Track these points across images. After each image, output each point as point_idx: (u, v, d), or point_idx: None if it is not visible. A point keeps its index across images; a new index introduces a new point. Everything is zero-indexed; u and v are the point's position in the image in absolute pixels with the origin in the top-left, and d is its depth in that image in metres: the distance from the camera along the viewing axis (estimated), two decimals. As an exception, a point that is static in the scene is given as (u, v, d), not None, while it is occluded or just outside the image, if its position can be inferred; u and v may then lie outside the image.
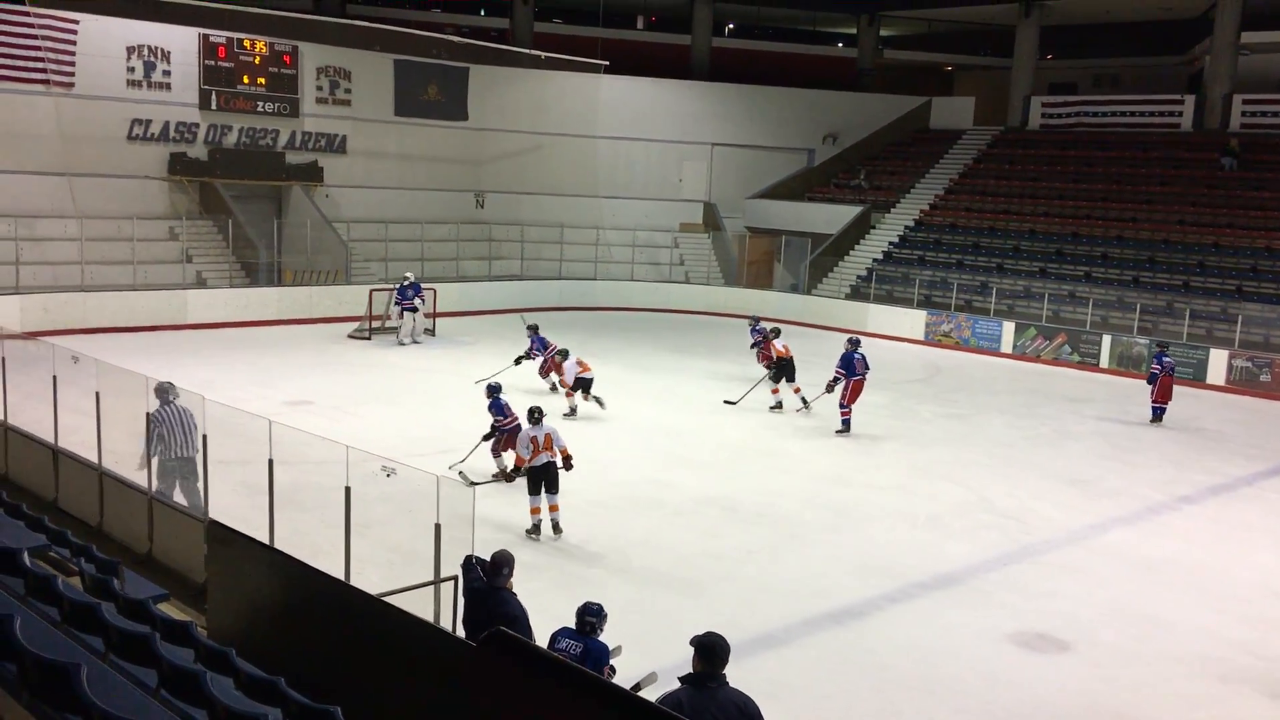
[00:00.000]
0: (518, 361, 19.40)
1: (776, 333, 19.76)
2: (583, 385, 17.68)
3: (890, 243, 31.87)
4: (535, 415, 12.15)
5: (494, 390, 13.98)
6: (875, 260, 31.29)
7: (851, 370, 17.48)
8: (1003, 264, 29.27)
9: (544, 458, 11.87)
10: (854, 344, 17.93)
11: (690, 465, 15.10)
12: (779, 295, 32.11)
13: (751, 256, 33.82)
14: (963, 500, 14.07)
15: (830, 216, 33.14)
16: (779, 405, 19.00)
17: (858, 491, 14.23)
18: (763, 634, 9.69)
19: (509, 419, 13.65)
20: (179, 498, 10.29)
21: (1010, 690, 8.83)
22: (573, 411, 17.63)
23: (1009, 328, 26.70)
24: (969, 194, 32.96)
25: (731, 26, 42.76)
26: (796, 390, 19.09)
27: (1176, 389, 19.58)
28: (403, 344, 23.86)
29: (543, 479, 11.86)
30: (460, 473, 13.13)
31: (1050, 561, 11.99)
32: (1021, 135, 35.09)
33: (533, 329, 19.80)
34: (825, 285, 31.49)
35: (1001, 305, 27.77)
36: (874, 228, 32.89)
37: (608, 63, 33.15)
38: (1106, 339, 25.14)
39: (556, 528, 11.88)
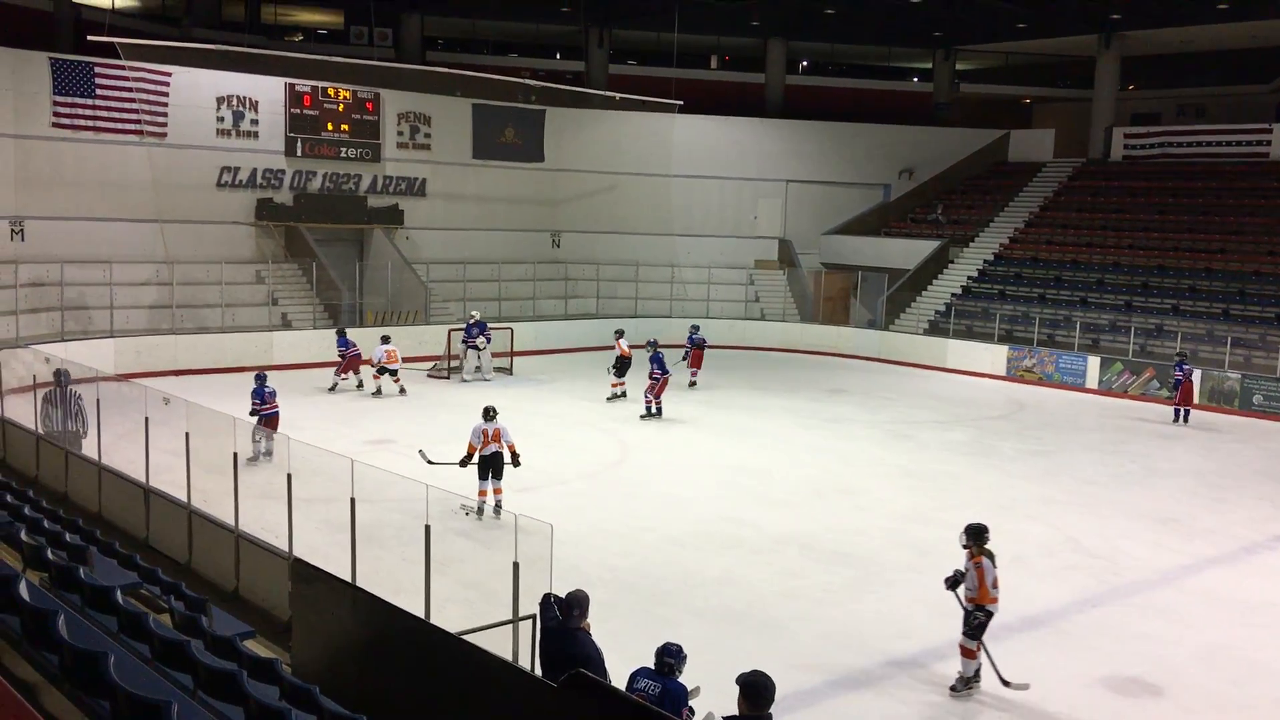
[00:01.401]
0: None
1: (621, 333, 23.26)
2: (387, 372, 21.91)
3: (969, 277, 31.45)
4: (490, 413, 14.00)
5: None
6: (954, 295, 30.89)
7: (663, 368, 20.82)
8: (1086, 298, 28.68)
9: (492, 448, 13.68)
10: (654, 345, 21.69)
11: (768, 503, 14.98)
12: (855, 331, 31.85)
13: (827, 293, 33.64)
14: (1048, 539, 13.74)
15: (907, 251, 32.85)
16: (622, 395, 22.30)
17: (939, 530, 13.95)
18: (844, 676, 9.54)
19: None
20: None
21: (1101, 737, 8.55)
22: (377, 392, 21.89)
23: (1094, 362, 26.10)
24: (1050, 227, 32.43)
25: (805, 64, 42.80)
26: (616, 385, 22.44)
27: (1269, 424, 18.96)
28: (465, 381, 24.12)
29: (490, 467, 13.62)
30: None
31: (1141, 603, 11.63)
32: (1104, 167, 34.47)
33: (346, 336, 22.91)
34: (903, 321, 31.16)
35: (1086, 339, 27.18)
36: (952, 262, 32.51)
37: (682, 102, 33.40)
38: (1196, 373, 24.41)
39: (498, 509, 13.31)
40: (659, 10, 34.09)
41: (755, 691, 5.42)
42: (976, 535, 9.45)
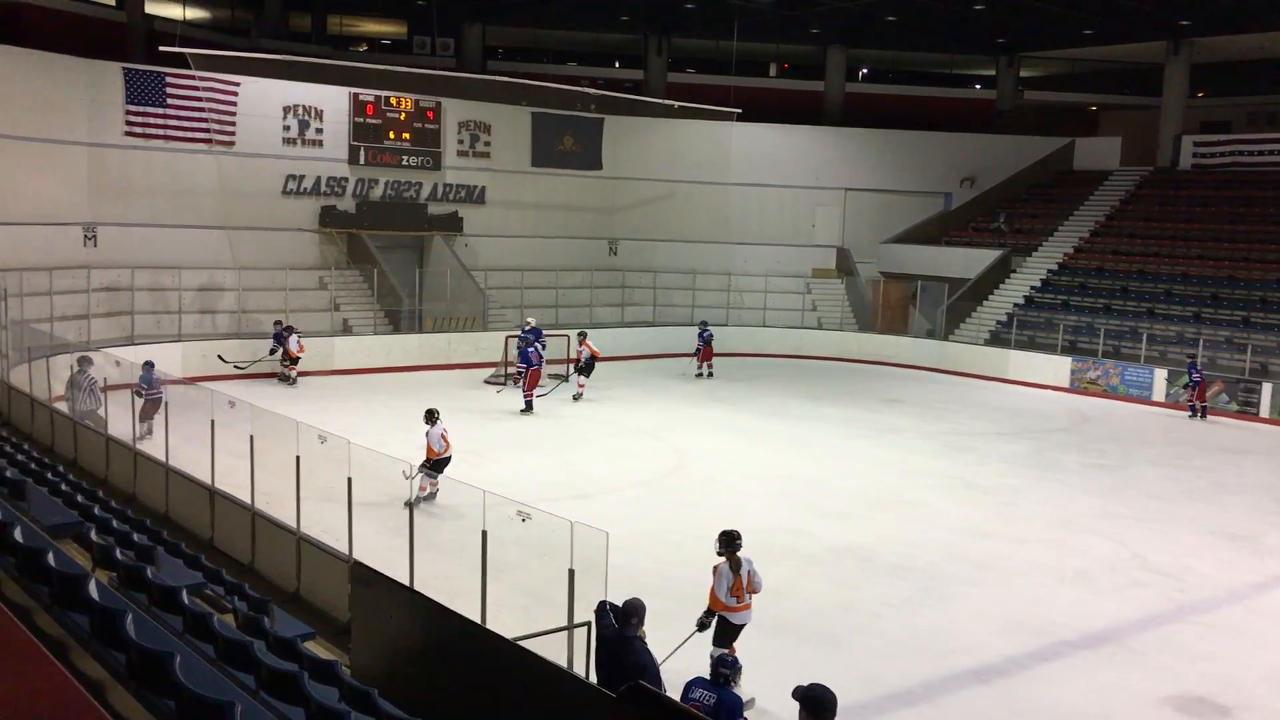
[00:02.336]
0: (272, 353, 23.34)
1: (584, 335, 23.76)
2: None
3: (1032, 287, 30.99)
4: (434, 416, 14.76)
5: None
6: (1016, 305, 30.45)
7: (528, 362, 21.69)
8: (1154, 309, 28.13)
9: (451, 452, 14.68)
10: (527, 339, 22.56)
11: (824, 514, 14.87)
12: (914, 341, 31.53)
13: (886, 301, 33.33)
14: (1113, 555, 13.47)
15: (968, 261, 32.47)
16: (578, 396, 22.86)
17: (1000, 544, 13.77)
18: (902, 690, 9.43)
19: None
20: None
21: (1167, 759, 8.36)
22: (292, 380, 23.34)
23: (1161, 375, 25.58)
24: (1116, 236, 31.86)
25: (865, 71, 42.56)
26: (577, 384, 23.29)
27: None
28: (520, 387, 24.13)
29: (444, 465, 14.46)
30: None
31: (1209, 622, 11.36)
32: (1172, 176, 33.79)
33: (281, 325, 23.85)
34: (963, 331, 30.77)
35: (1153, 351, 26.63)
36: (1014, 272, 32.06)
37: (740, 110, 33.33)
38: (1267, 387, 23.83)
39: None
40: (718, 19, 34.07)
41: (816, 704, 5.37)
42: (727, 541, 9.12)
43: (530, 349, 21.87)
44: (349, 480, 10.38)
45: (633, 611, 7.21)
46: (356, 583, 8.01)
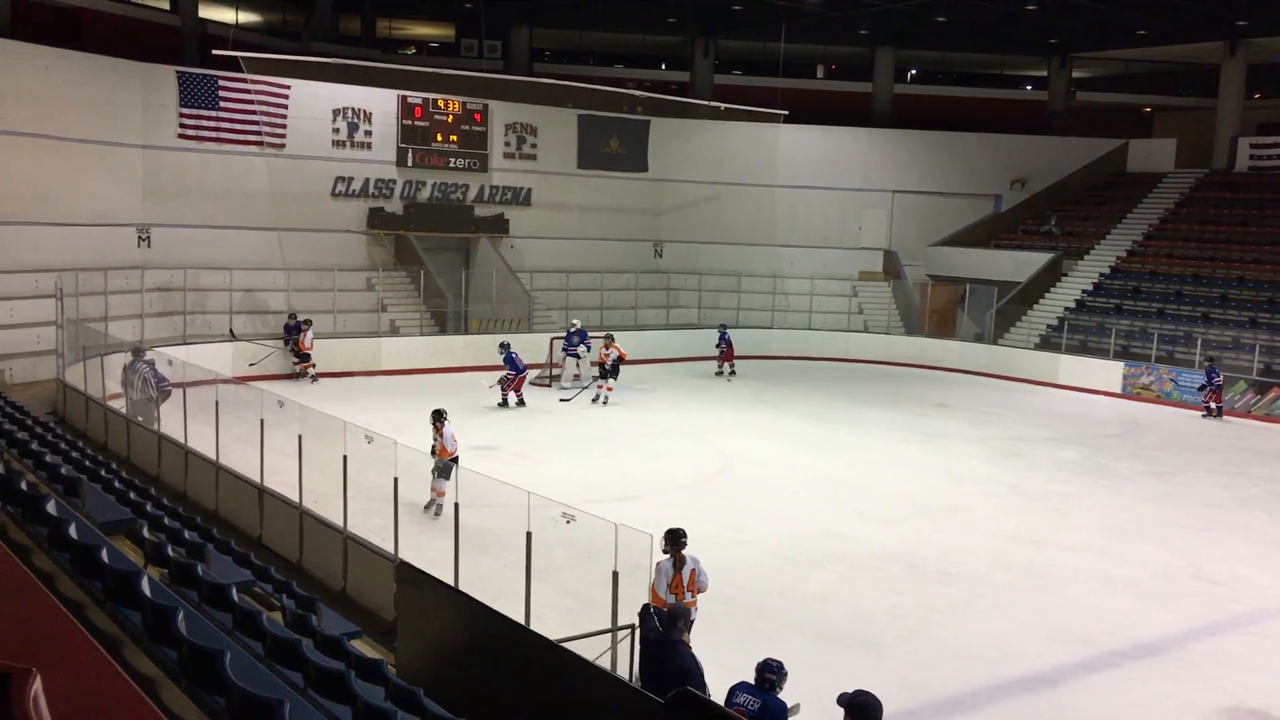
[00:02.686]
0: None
1: (611, 338, 23.23)
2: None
3: (1084, 290, 30.55)
4: (443, 416, 14.28)
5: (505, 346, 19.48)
6: (1067, 309, 30.03)
7: (515, 369, 21.62)
8: (1209, 313, 27.61)
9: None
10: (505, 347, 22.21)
11: (870, 519, 14.74)
12: (962, 344, 31.19)
13: (933, 305, 33.01)
14: (1166, 564, 13.23)
15: (1018, 264, 32.07)
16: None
17: (1050, 552, 13.56)
18: (948, 699, 9.32)
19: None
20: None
21: (1222, 773, 8.19)
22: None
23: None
24: (1171, 239, 31.31)
25: (914, 72, 42.21)
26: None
27: None
28: (565, 389, 24.26)
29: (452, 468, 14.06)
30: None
31: (1265, 633, 11.12)
32: (1228, 178, 33.17)
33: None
34: (1012, 335, 30.40)
35: (1208, 357, 26.14)
36: (1066, 275, 31.62)
37: (787, 112, 33.18)
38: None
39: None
40: (765, 20, 33.95)
41: (862, 711, 5.31)
42: (672, 538, 8.96)
43: (514, 354, 21.84)
44: (395, 480, 10.46)
45: (678, 615, 7.19)
46: (402, 582, 8.07)
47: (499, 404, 21.81)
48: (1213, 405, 24.02)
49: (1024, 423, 22.86)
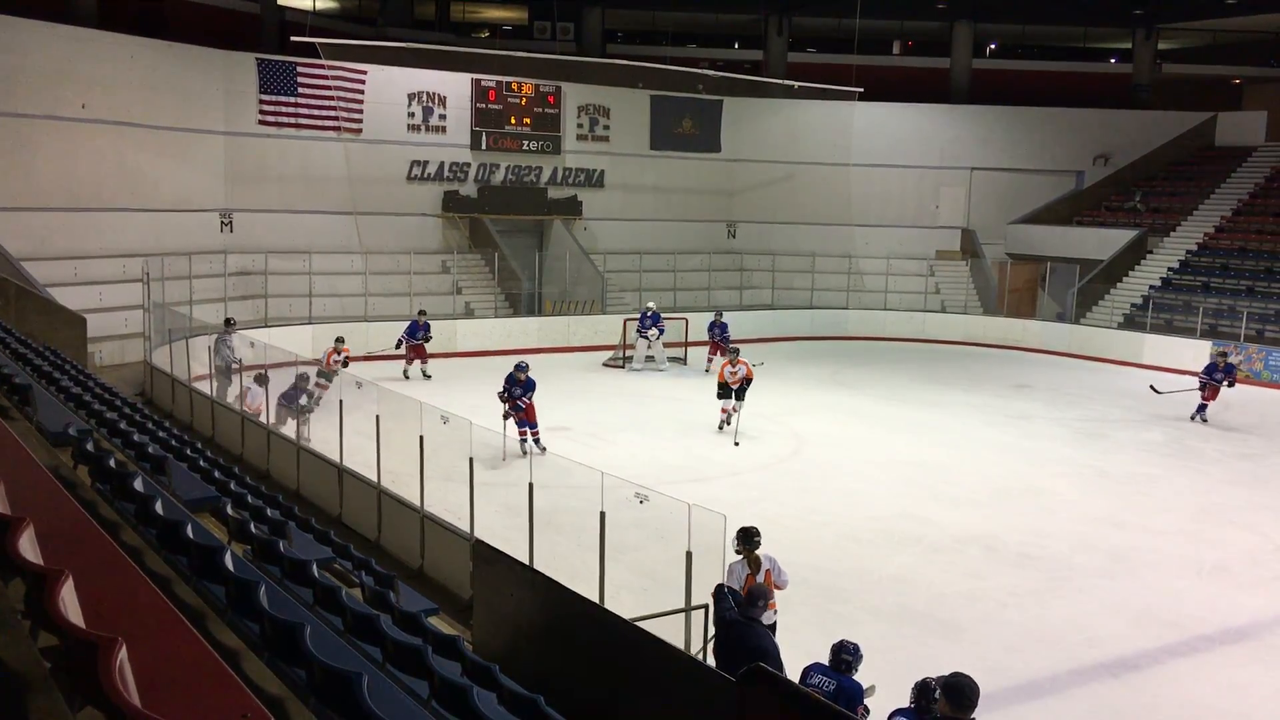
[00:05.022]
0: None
1: (737, 352, 18.89)
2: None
3: (1170, 268, 29.69)
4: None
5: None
6: (1152, 287, 29.22)
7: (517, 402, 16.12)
8: (1302, 290, 26.66)
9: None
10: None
11: (949, 501, 14.52)
12: (1042, 324, 30.54)
13: (1013, 284, 32.35)
14: (1256, 548, 12.83)
15: (1101, 241, 31.26)
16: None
17: (1134, 535, 13.24)
18: (1028, 683, 9.16)
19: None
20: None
21: (1316, 764, 7.94)
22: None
23: (1309, 360, 24.24)
24: (1261, 215, 30.25)
25: (993, 46, 41.26)
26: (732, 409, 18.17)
27: None
28: (635, 369, 24.35)
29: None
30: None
31: (1363, 621, 10.72)
32: (1323, 149, 31.93)
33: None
34: (1095, 314, 29.67)
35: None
36: (1151, 252, 30.76)
37: (862, 90, 32.70)
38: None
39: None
40: (840, -4, 33.48)
41: (959, 693, 5.28)
42: (744, 538, 8.56)
43: (518, 390, 16.15)
44: (470, 460, 10.56)
45: (758, 595, 7.18)
46: (478, 561, 8.16)
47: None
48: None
49: (1107, 403, 22.32)
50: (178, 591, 4.97)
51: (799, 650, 7.45)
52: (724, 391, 18.08)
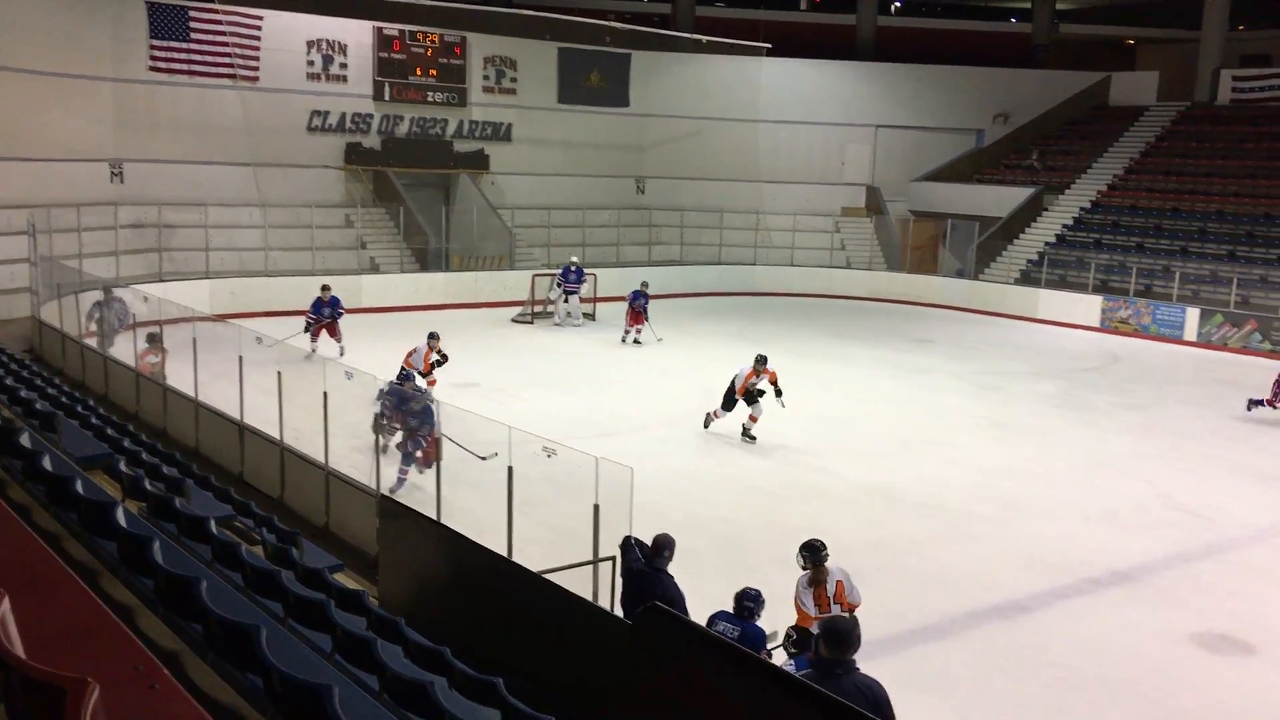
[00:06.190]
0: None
1: (764, 360, 15.41)
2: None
3: (1064, 225, 30.55)
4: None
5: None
6: (1048, 244, 30.05)
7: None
8: (1187, 247, 27.68)
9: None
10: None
11: (853, 454, 14.83)
12: (943, 280, 31.23)
13: (916, 241, 32.97)
14: (1141, 495, 13.38)
15: (1000, 199, 32.01)
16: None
17: (1028, 484, 13.70)
18: (926, 626, 9.45)
19: None
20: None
21: (1188, 693, 8.37)
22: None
23: (1193, 314, 25.24)
24: (1151, 173, 31.27)
25: (898, 4, 41.72)
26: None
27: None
28: (558, 325, 24.34)
29: None
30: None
31: (1236, 560, 11.29)
32: (1210, 111, 33.05)
33: None
34: (993, 270, 30.44)
35: (1185, 290, 26.27)
36: (1047, 210, 31.60)
37: (770, 45, 32.79)
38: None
39: None
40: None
41: (837, 637, 5.38)
42: (811, 551, 7.93)
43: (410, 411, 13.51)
44: (375, 416, 10.43)
45: (665, 545, 7.24)
46: (384, 516, 8.08)
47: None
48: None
49: (1005, 357, 22.98)
50: (68, 548, 4.83)
51: (707, 600, 7.55)
52: (748, 398, 15.16)
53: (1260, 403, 17.41)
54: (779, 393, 15.00)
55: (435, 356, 15.27)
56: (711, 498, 12.60)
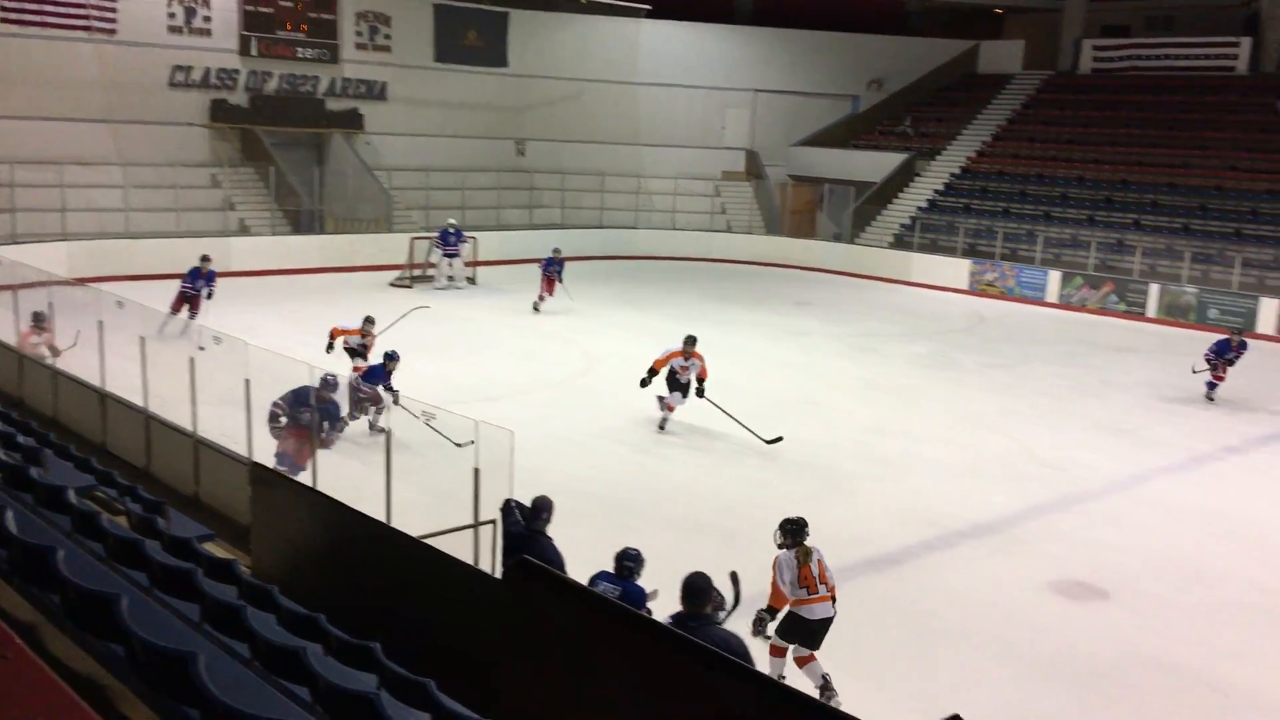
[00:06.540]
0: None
1: (693, 341, 14.53)
2: None
3: (936, 190, 31.38)
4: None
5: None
6: (920, 208, 30.85)
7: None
8: (1050, 212, 28.75)
9: None
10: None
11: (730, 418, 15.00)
12: (821, 244, 31.81)
13: (794, 205, 33.44)
14: (1006, 450, 13.93)
15: (875, 164, 32.67)
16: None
17: (901, 442, 14.13)
18: (802, 581, 9.67)
19: None
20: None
21: (1047, 637, 8.78)
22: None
23: (1055, 277, 26.28)
24: (1017, 140, 32.32)
25: (775, -30, 41.88)
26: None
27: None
28: (439, 289, 24.03)
29: None
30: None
31: (1093, 511, 11.86)
32: (1072, 80, 34.26)
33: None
34: (869, 234, 31.12)
35: (1048, 254, 27.30)
36: (919, 175, 32.40)
37: (649, 7, 32.68)
38: (1154, 288, 24.69)
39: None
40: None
41: (688, 591, 5.72)
42: (794, 530, 7.84)
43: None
44: (246, 382, 10.12)
45: (543, 507, 7.24)
46: (257, 484, 7.88)
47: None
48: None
49: (879, 319, 23.58)
50: (-90, 523, 4.56)
51: (592, 564, 7.57)
52: (673, 386, 14.26)
53: (1214, 385, 16.84)
54: (701, 392, 14.09)
55: (360, 340, 14.63)
56: (593, 461, 12.65)
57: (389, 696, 4.38)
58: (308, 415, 10.08)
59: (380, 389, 12.53)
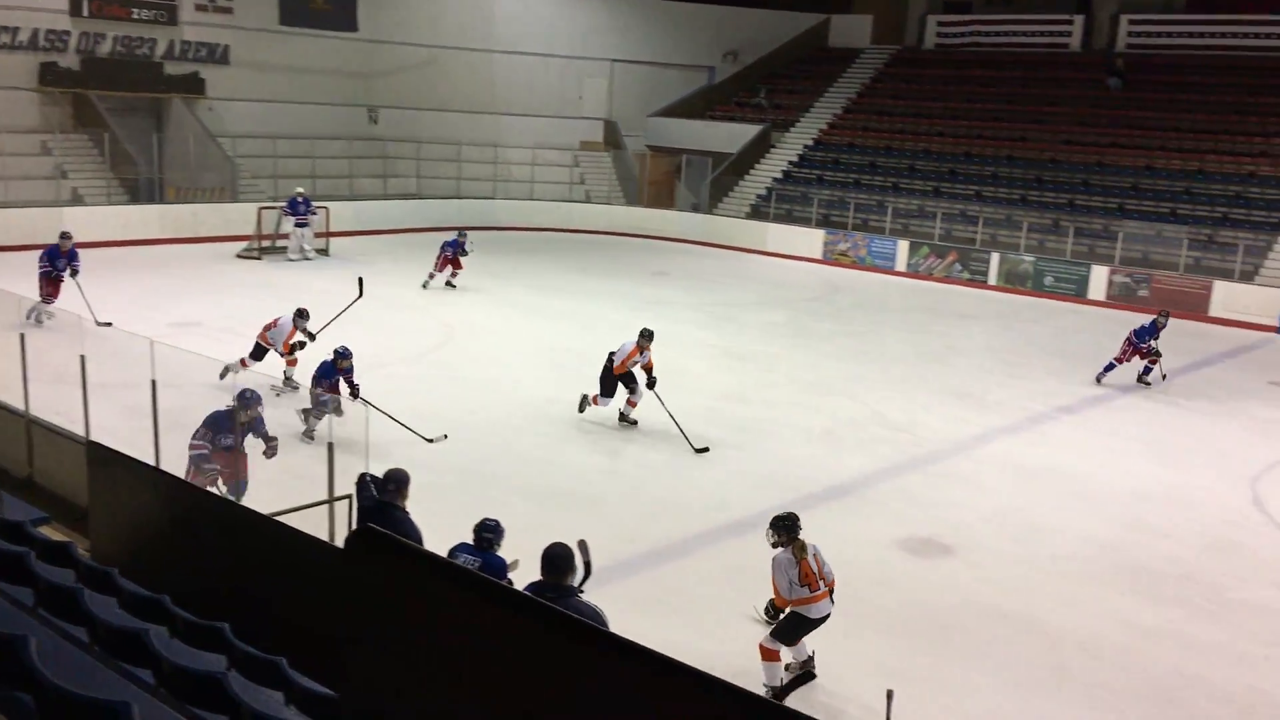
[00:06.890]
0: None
1: (650, 336, 13.70)
2: None
3: (790, 162, 31.99)
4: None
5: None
6: (775, 180, 31.41)
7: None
8: (898, 183, 29.65)
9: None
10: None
11: (593, 385, 15.03)
12: (680, 215, 32.08)
13: (652, 176, 33.62)
14: (857, 415, 14.38)
15: (731, 135, 33.07)
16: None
17: (757, 409, 14.43)
18: (663, 547, 9.84)
19: None
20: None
21: (894, 592, 9.15)
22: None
23: (903, 246, 27.15)
24: (866, 113, 33.17)
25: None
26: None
27: (1058, 304, 20.13)
28: (292, 260, 23.36)
29: None
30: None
31: (938, 471, 12.37)
32: (918, 54, 35.32)
33: None
34: (726, 205, 31.54)
35: (897, 224, 28.19)
36: (774, 147, 32.95)
37: (504, -27, 32.26)
38: (995, 257, 25.77)
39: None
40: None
41: (549, 561, 5.81)
42: (787, 528, 7.86)
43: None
44: (82, 358, 9.66)
45: (396, 479, 7.14)
46: (94, 464, 7.55)
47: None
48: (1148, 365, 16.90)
49: (736, 289, 23.97)
50: None
51: (449, 534, 7.53)
52: (628, 380, 13.46)
53: (1112, 366, 16.55)
54: (651, 383, 13.30)
55: (300, 337, 13.83)
56: (455, 434, 12.52)
57: (239, 676, 4.29)
58: (231, 439, 9.26)
59: (345, 389, 12.01)
